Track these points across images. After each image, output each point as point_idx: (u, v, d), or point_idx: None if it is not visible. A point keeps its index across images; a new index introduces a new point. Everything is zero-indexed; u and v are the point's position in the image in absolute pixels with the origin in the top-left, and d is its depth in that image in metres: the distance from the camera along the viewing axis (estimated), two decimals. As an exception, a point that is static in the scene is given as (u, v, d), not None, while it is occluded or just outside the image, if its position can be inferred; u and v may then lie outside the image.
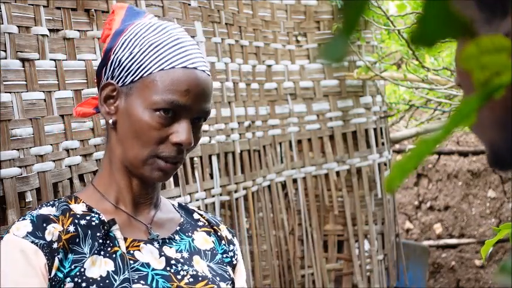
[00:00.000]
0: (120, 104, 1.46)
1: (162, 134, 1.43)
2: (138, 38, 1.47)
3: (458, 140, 6.67)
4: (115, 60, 1.47)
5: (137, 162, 1.44)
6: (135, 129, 1.43)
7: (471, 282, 6.32)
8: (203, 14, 2.54)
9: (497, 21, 0.74)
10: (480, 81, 0.57)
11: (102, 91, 1.48)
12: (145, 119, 1.42)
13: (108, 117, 1.48)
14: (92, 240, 1.43)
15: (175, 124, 1.43)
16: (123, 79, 1.46)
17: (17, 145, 1.68)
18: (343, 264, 3.26)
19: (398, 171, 0.56)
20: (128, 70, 1.45)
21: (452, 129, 0.55)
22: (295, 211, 3.12)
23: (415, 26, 0.54)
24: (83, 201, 1.49)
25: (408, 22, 3.62)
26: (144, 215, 1.52)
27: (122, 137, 1.46)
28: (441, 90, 3.63)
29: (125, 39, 1.48)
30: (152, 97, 1.42)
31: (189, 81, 1.44)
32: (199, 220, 1.62)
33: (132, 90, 1.45)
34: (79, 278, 1.39)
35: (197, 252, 1.55)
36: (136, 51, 1.46)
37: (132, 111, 1.44)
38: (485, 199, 6.43)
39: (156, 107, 1.42)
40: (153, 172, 1.44)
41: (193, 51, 1.47)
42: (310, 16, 3.21)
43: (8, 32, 1.70)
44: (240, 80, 2.78)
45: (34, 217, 1.41)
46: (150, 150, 1.43)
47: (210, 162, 2.54)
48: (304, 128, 3.15)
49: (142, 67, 1.44)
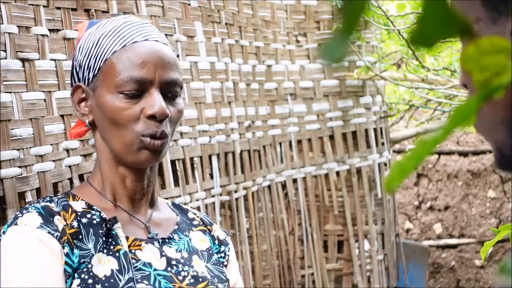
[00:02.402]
0: (92, 102, 1.47)
1: (134, 112, 1.42)
2: (90, 37, 1.50)
3: (458, 140, 6.67)
4: (76, 65, 1.51)
5: (125, 149, 1.43)
6: (109, 117, 1.43)
7: (471, 282, 6.32)
8: (203, 14, 2.54)
9: (502, 20, 0.74)
10: (480, 82, 0.57)
11: (72, 96, 1.50)
12: (114, 103, 1.42)
13: (84, 118, 1.49)
14: (96, 237, 1.42)
15: (144, 99, 1.43)
16: (87, 77, 1.48)
17: (17, 145, 1.68)
18: (343, 264, 3.26)
19: (397, 172, 0.56)
20: (88, 67, 1.47)
21: (452, 129, 0.55)
22: (295, 211, 3.13)
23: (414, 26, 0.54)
24: (81, 198, 1.48)
25: (408, 22, 3.61)
26: (141, 214, 1.52)
27: (102, 132, 1.47)
28: (441, 90, 3.63)
29: (80, 44, 1.52)
30: (113, 81, 1.43)
31: (142, 53, 1.43)
32: (194, 219, 1.62)
33: (97, 83, 1.46)
34: (86, 274, 1.38)
35: (195, 252, 1.55)
36: (90, 47, 1.48)
37: (101, 103, 1.44)
38: (485, 199, 6.43)
39: (119, 90, 1.42)
40: (140, 154, 1.42)
41: (143, 27, 1.48)
42: (310, 16, 3.21)
43: (8, 32, 1.70)
44: (240, 80, 2.78)
45: (40, 209, 1.40)
46: (131, 133, 1.41)
47: (210, 162, 2.54)
48: (304, 128, 3.15)
49: (98, 57, 1.46)
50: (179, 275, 1.46)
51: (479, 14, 0.75)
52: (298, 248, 3.14)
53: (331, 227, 3.26)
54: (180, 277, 1.46)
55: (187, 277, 1.47)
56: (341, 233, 3.27)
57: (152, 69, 1.43)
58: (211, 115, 2.55)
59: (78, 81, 1.51)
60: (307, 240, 3.15)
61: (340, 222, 3.26)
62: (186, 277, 1.47)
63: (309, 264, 3.16)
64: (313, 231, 3.17)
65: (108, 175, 1.49)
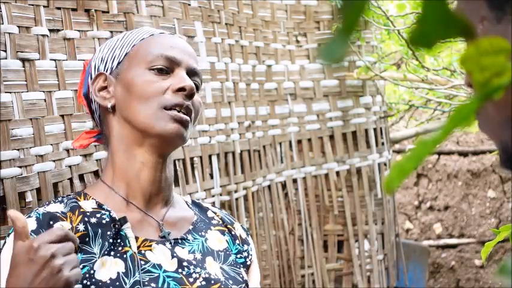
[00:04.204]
0: (113, 87, 1.49)
1: (162, 86, 1.45)
2: (110, 40, 1.56)
3: (458, 140, 6.67)
4: (97, 61, 1.54)
5: (147, 121, 1.43)
6: (135, 92, 1.45)
7: (471, 282, 6.32)
8: (203, 14, 2.54)
9: (507, 20, 0.74)
10: (479, 82, 0.57)
11: (93, 85, 1.51)
12: (143, 78, 1.46)
13: (106, 102, 1.49)
14: (102, 240, 1.40)
15: (172, 77, 1.47)
16: (110, 66, 1.51)
17: (17, 145, 1.68)
18: (343, 264, 3.26)
19: (397, 172, 0.56)
20: (112, 57, 1.51)
21: (451, 129, 0.55)
22: (295, 211, 3.12)
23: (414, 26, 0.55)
24: (92, 197, 1.46)
25: (408, 22, 3.62)
26: (156, 211, 1.48)
27: (125, 110, 1.46)
28: (441, 90, 3.63)
29: (100, 47, 1.58)
30: (143, 59, 1.47)
31: (171, 41, 1.51)
32: (213, 218, 1.58)
33: (121, 68, 1.49)
34: (88, 280, 1.36)
35: (210, 253, 1.51)
36: (114, 43, 1.53)
37: (128, 81, 1.47)
38: (485, 199, 6.43)
39: (149, 65, 1.46)
40: (167, 125, 1.42)
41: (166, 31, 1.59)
42: (310, 16, 3.21)
43: (8, 32, 1.70)
44: (240, 80, 2.78)
45: (40, 215, 1.39)
46: (156, 103, 1.43)
47: (210, 162, 2.54)
48: (304, 128, 3.15)
49: (125, 45, 1.50)
50: (190, 277, 1.43)
51: (484, 13, 0.75)
52: (298, 248, 3.14)
53: (331, 227, 3.26)
54: (191, 279, 1.43)
55: (199, 279, 1.44)
56: (341, 233, 3.27)
57: (181, 53, 1.49)
58: (211, 115, 2.55)
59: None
60: (307, 240, 3.15)
61: (340, 222, 3.26)
62: (197, 279, 1.44)
63: (309, 264, 3.16)
64: (313, 231, 3.17)
65: (123, 166, 1.47)
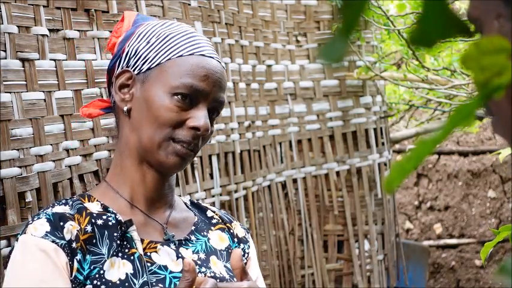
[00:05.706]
0: (136, 91, 1.47)
1: (179, 118, 1.43)
2: (154, 30, 1.50)
3: (458, 140, 6.67)
4: (131, 50, 1.49)
5: (152, 146, 1.43)
6: (152, 112, 1.43)
7: (471, 282, 6.32)
8: (203, 14, 2.54)
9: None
10: (480, 82, 0.57)
11: (117, 79, 1.49)
12: (163, 102, 1.43)
13: (123, 104, 1.48)
14: (110, 241, 1.41)
15: (193, 110, 1.44)
16: (140, 67, 1.48)
17: (17, 145, 1.68)
18: (343, 264, 3.26)
19: (397, 172, 0.56)
20: (144, 58, 1.47)
21: (451, 129, 0.55)
22: (295, 211, 3.12)
23: (414, 26, 0.55)
24: (97, 199, 1.47)
25: (408, 22, 3.61)
26: (159, 214, 1.50)
27: (137, 123, 1.46)
28: (441, 90, 3.63)
29: (141, 31, 1.51)
30: (171, 81, 1.44)
31: (207, 67, 1.47)
32: (213, 218, 1.60)
33: (149, 76, 1.46)
34: (98, 280, 1.36)
35: (213, 252, 1.53)
36: (154, 41, 1.48)
37: (149, 97, 1.44)
38: (485, 199, 6.43)
39: (174, 91, 1.43)
40: (169, 156, 1.43)
41: (207, 44, 1.52)
42: (310, 16, 3.21)
43: (8, 32, 1.70)
44: (240, 80, 2.78)
45: (50, 215, 1.39)
46: (165, 133, 1.42)
47: (210, 162, 2.54)
48: (304, 128, 3.15)
49: (160, 54, 1.47)
50: None
51: (500, 10, 0.75)
52: (298, 248, 3.14)
53: (331, 227, 3.25)
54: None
55: None
56: (341, 233, 3.26)
57: (211, 85, 1.46)
58: (211, 115, 2.55)
59: (125, 65, 1.50)
60: (307, 240, 3.15)
61: (340, 222, 3.26)
62: None
63: (309, 264, 3.16)
64: (313, 231, 3.17)
65: (129, 169, 1.48)
